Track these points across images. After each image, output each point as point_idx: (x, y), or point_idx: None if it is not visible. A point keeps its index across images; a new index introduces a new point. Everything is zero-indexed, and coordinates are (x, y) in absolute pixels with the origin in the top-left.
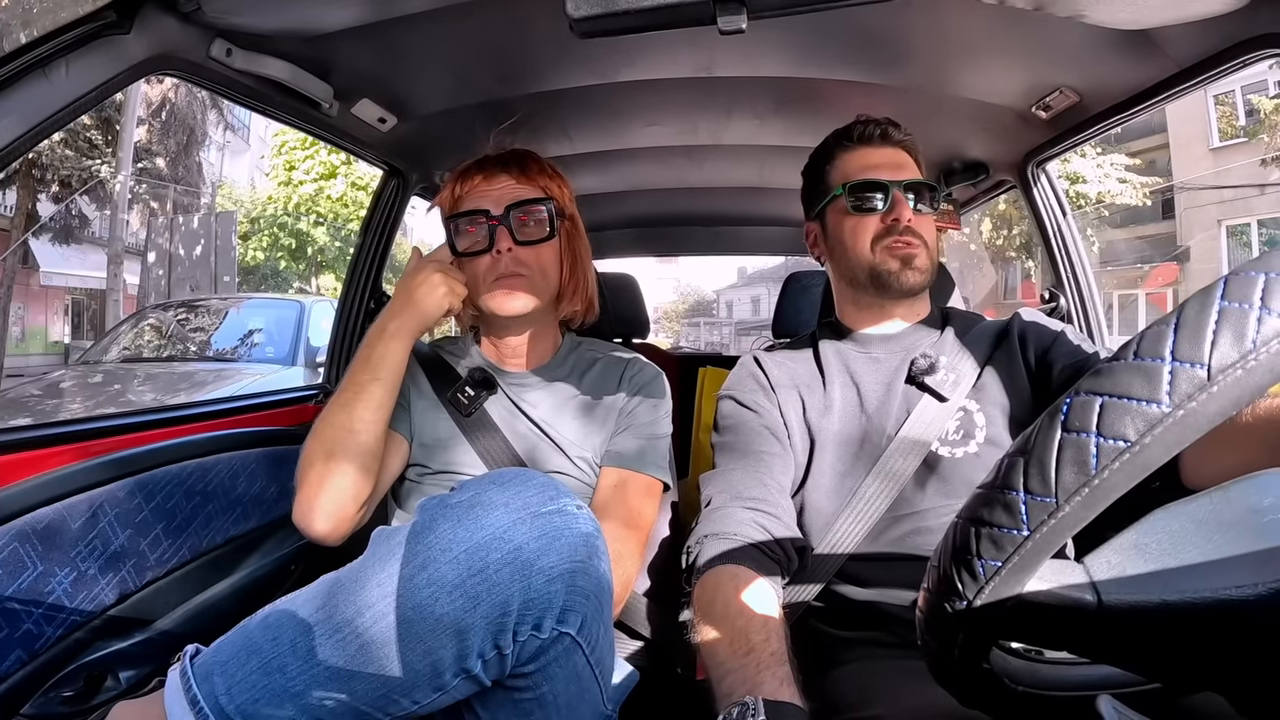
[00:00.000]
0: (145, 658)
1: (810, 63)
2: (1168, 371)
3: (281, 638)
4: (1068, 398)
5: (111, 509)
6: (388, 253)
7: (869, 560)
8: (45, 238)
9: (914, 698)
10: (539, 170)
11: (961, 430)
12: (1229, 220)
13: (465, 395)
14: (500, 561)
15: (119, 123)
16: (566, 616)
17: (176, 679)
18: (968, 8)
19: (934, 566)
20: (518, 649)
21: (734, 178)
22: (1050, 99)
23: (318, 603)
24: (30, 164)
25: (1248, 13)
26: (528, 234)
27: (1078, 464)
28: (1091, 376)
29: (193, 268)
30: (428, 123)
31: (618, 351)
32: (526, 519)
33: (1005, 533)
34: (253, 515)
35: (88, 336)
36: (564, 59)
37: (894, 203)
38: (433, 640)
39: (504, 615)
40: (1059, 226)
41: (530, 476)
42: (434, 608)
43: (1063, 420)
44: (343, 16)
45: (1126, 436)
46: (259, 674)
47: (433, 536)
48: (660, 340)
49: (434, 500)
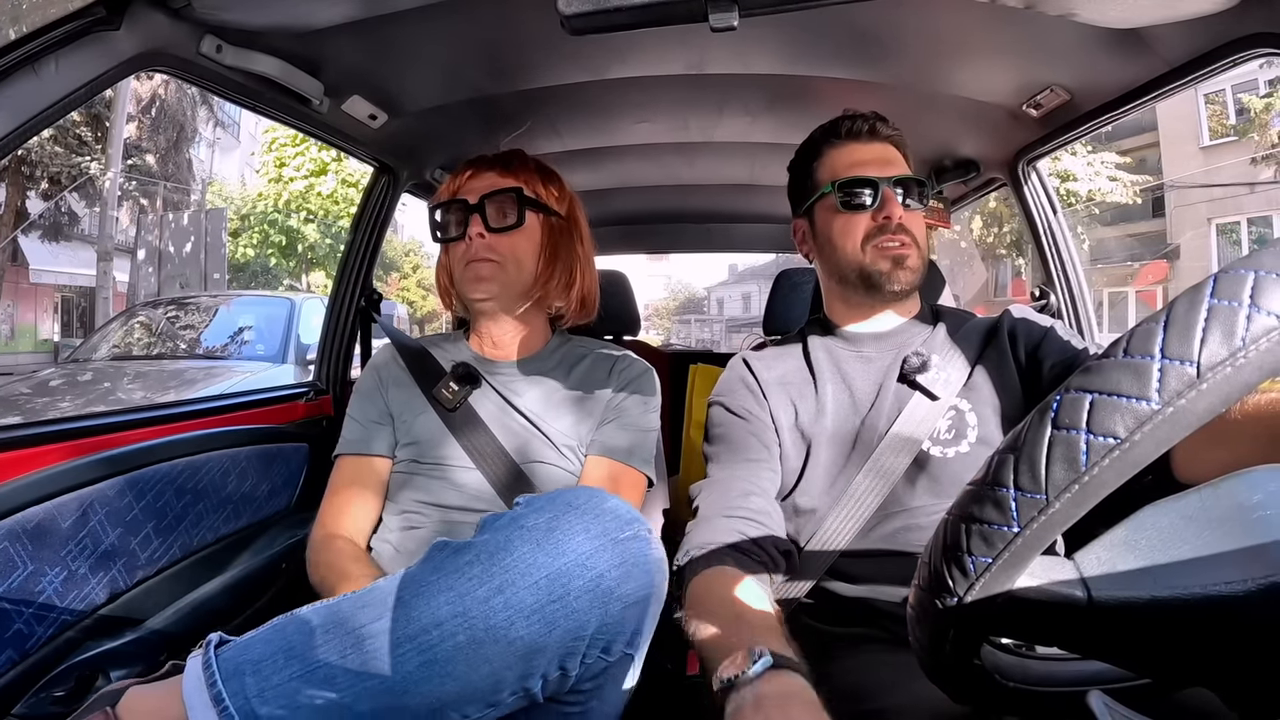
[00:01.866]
0: (137, 657)
1: (802, 60)
2: (1157, 369)
3: (328, 645)
4: (1058, 395)
5: (102, 508)
6: (378, 250)
7: (860, 557)
8: (35, 235)
9: (906, 694)
10: (522, 166)
11: (954, 429)
12: (1219, 218)
13: (449, 391)
14: (582, 589)
15: (109, 119)
16: (635, 639)
17: (198, 669)
18: (959, 5)
19: (925, 563)
20: (582, 670)
21: (725, 175)
22: (1041, 97)
23: (374, 613)
24: (19, 160)
25: (1239, 12)
26: (498, 221)
27: (1068, 461)
28: (1081, 374)
29: (183, 265)
30: (418, 120)
31: (608, 348)
32: (607, 545)
33: (996, 529)
34: (243, 513)
35: (77, 334)
36: (555, 56)
37: (884, 200)
38: (500, 661)
39: (577, 640)
40: (1049, 224)
41: (604, 499)
42: (509, 631)
43: (1053, 417)
44: (333, 13)
45: (1116, 433)
46: (300, 680)
47: (510, 559)
48: (651, 338)
49: (502, 518)
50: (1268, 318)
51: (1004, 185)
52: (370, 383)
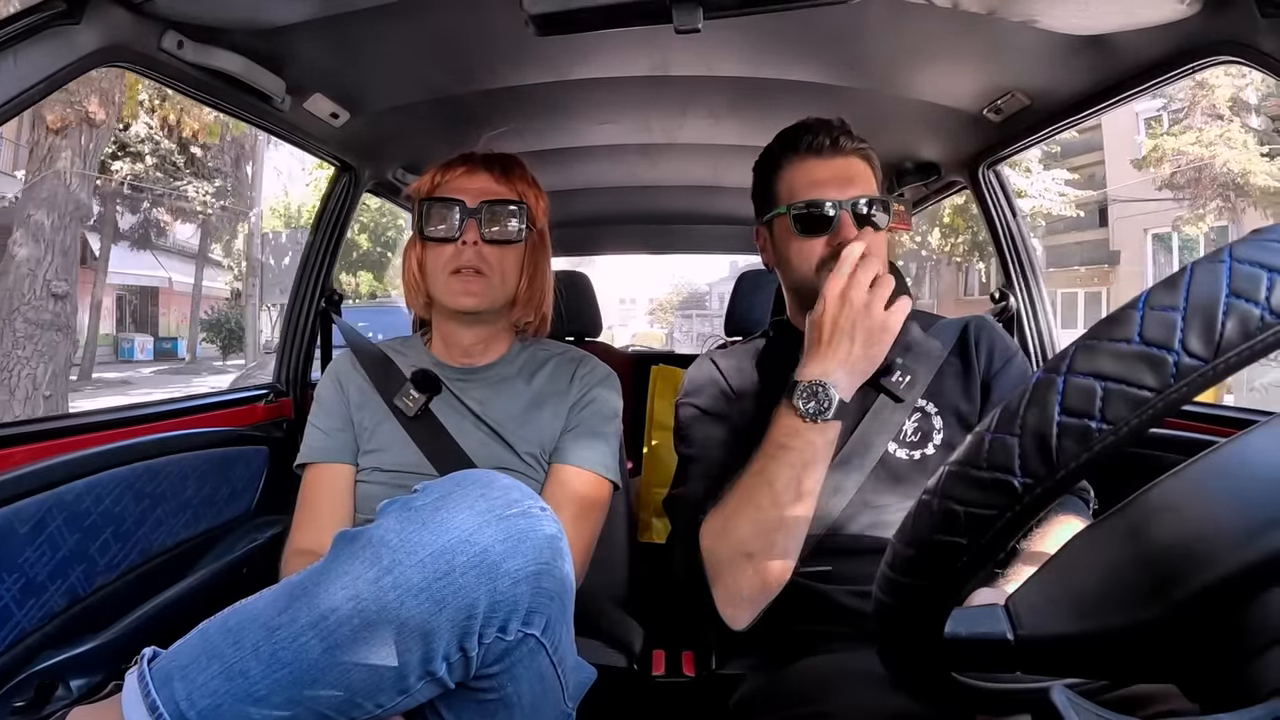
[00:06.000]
0: (98, 664)
1: (765, 63)
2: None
3: (243, 641)
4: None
5: (60, 513)
6: (338, 251)
7: (825, 555)
8: (123, 244)
9: (870, 692)
10: (520, 177)
11: (919, 432)
12: (1154, 229)
13: (409, 398)
14: (467, 564)
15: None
16: (531, 618)
17: (134, 683)
18: (922, 11)
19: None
20: (483, 651)
21: (688, 176)
22: (1002, 102)
23: (280, 605)
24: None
25: (1198, 20)
26: (495, 233)
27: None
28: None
29: (282, 275)
30: (381, 119)
31: (570, 351)
32: (492, 521)
33: (980, 512)
34: (203, 518)
35: (129, 329)
36: (519, 56)
37: (840, 224)
38: (398, 643)
39: (470, 618)
40: (1009, 227)
41: (493, 478)
42: (400, 611)
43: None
44: (296, 10)
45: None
46: (220, 679)
47: (397, 539)
48: (655, 332)
49: (395, 502)
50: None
51: (965, 188)
52: (330, 390)
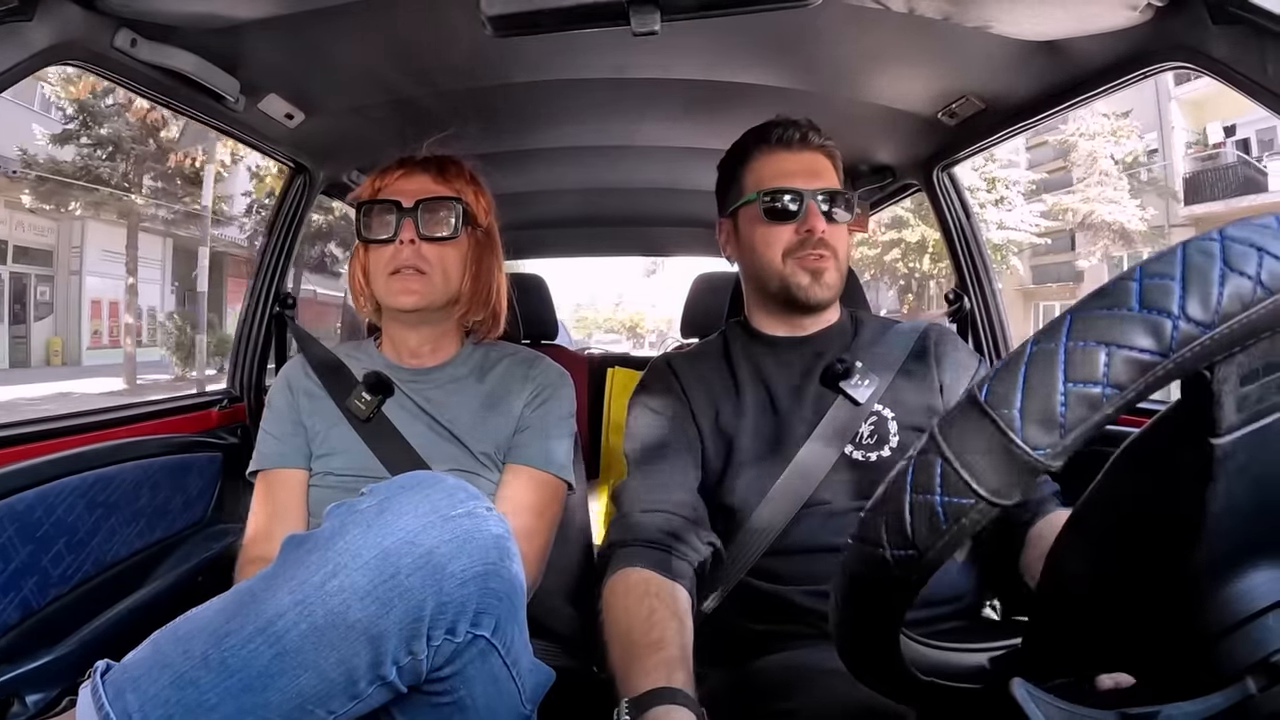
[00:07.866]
0: (54, 678)
1: (722, 66)
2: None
3: (193, 650)
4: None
5: (11, 524)
6: (293, 254)
7: (782, 555)
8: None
9: (830, 690)
10: (458, 174)
11: (875, 435)
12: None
13: (361, 401)
14: (412, 566)
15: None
16: (480, 619)
17: (88, 697)
18: (878, 16)
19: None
20: (432, 654)
21: (647, 178)
22: (956, 105)
23: (229, 613)
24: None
25: (1151, 26)
26: (432, 229)
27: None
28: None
29: None
30: (336, 120)
31: (523, 352)
32: (437, 522)
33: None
34: (158, 526)
35: None
36: (476, 58)
37: (808, 213)
38: (346, 648)
39: (417, 620)
40: (963, 229)
41: (438, 480)
42: (346, 614)
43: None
44: (251, 8)
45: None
46: (172, 689)
47: (342, 543)
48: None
49: (342, 506)
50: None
51: (919, 190)
52: (282, 395)
